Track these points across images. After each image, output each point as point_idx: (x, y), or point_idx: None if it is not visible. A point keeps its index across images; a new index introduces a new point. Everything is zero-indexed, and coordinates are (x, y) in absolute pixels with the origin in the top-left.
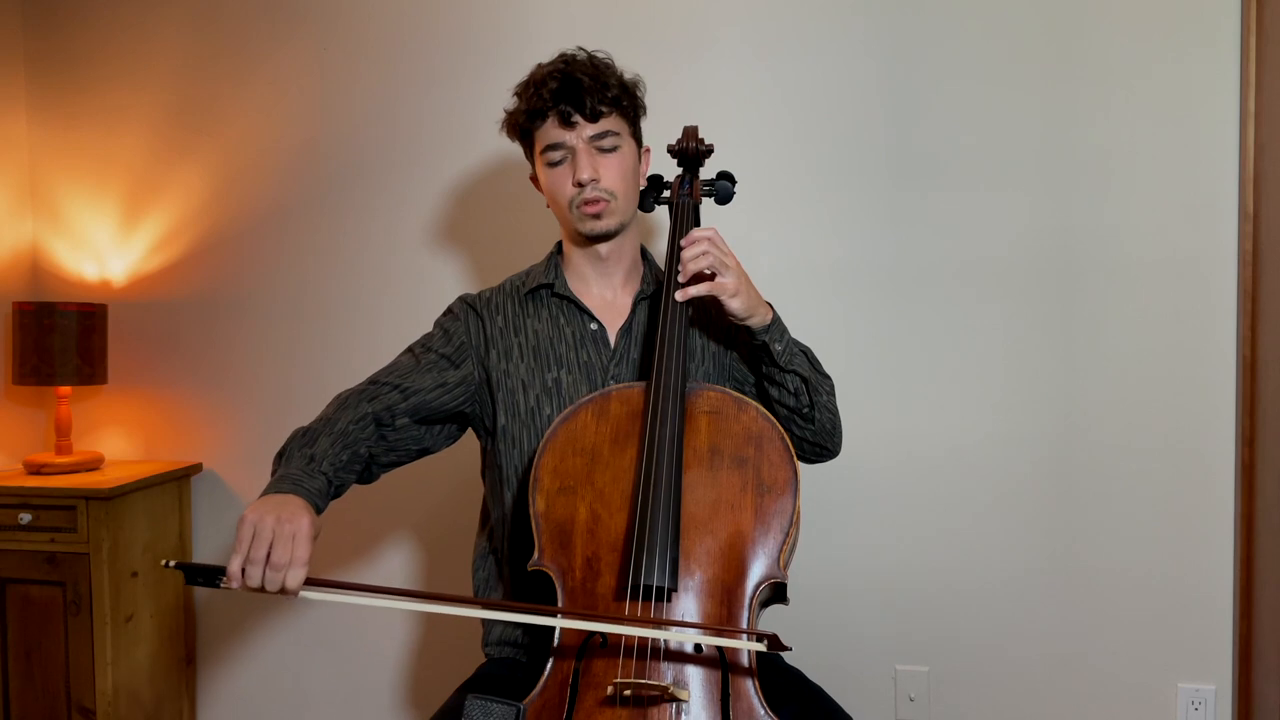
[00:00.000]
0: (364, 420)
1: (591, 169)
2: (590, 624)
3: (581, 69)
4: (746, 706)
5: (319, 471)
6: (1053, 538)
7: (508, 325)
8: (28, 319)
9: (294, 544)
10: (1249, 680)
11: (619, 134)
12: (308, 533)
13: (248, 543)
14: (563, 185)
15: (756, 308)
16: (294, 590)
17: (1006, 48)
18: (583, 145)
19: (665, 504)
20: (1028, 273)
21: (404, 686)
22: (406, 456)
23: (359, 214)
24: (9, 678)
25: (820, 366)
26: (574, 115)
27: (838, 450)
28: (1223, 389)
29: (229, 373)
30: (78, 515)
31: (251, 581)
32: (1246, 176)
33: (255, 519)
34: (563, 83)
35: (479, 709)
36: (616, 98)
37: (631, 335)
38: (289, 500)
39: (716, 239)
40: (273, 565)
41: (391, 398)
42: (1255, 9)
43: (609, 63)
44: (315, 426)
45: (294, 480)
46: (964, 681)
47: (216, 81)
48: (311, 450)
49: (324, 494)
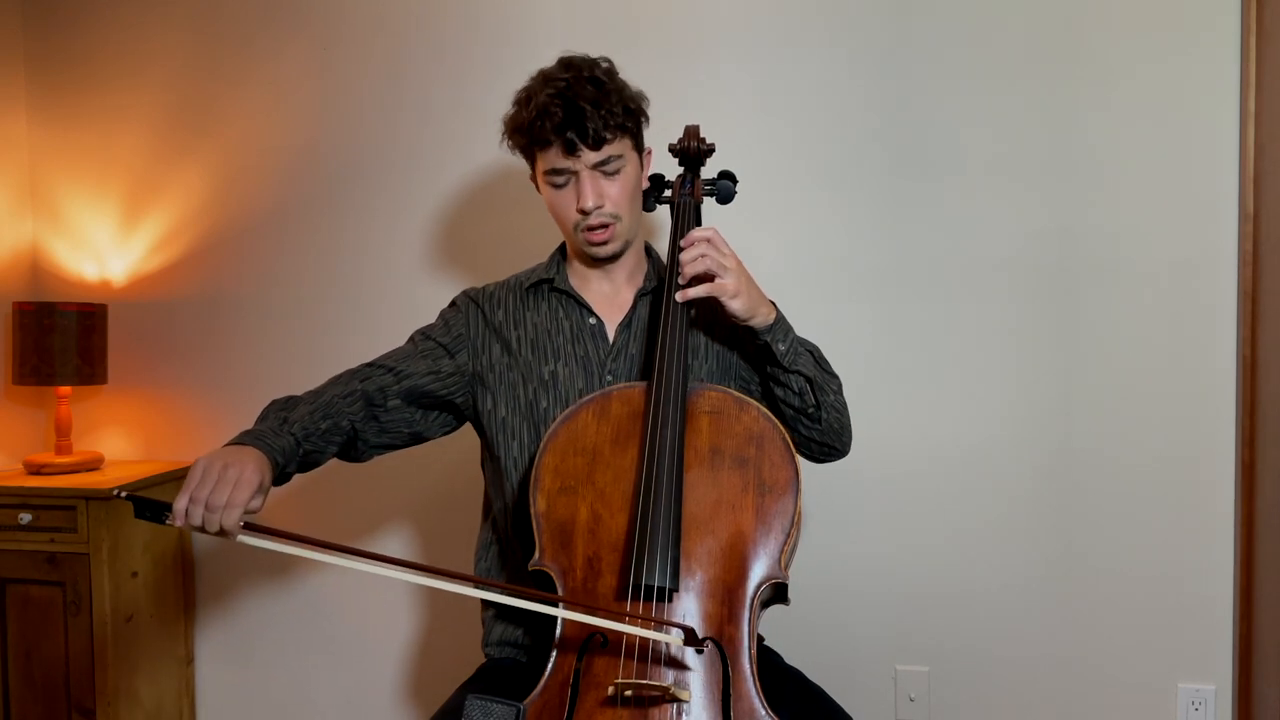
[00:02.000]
0: (353, 395)
1: (596, 196)
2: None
3: (584, 94)
4: (747, 707)
5: (288, 432)
6: (1053, 537)
7: (508, 318)
8: (28, 319)
9: (235, 488)
10: (1249, 680)
11: (622, 155)
12: (250, 479)
13: (194, 483)
14: (566, 208)
15: (758, 308)
16: (231, 531)
17: (1007, 47)
18: (586, 171)
19: (666, 504)
20: (1027, 273)
21: (404, 686)
22: (399, 439)
23: (359, 214)
24: (9, 678)
25: (827, 366)
26: (578, 146)
27: (847, 450)
28: (1223, 389)
29: (229, 373)
30: (78, 515)
31: (193, 520)
32: (1246, 176)
33: (205, 462)
34: (565, 113)
35: (479, 709)
36: (620, 123)
37: (631, 330)
38: (244, 450)
39: (716, 239)
40: (210, 506)
41: (385, 379)
42: (1255, 9)
43: (611, 78)
44: (299, 396)
45: (257, 434)
46: (964, 681)
47: (217, 81)
48: (287, 414)
49: (286, 453)
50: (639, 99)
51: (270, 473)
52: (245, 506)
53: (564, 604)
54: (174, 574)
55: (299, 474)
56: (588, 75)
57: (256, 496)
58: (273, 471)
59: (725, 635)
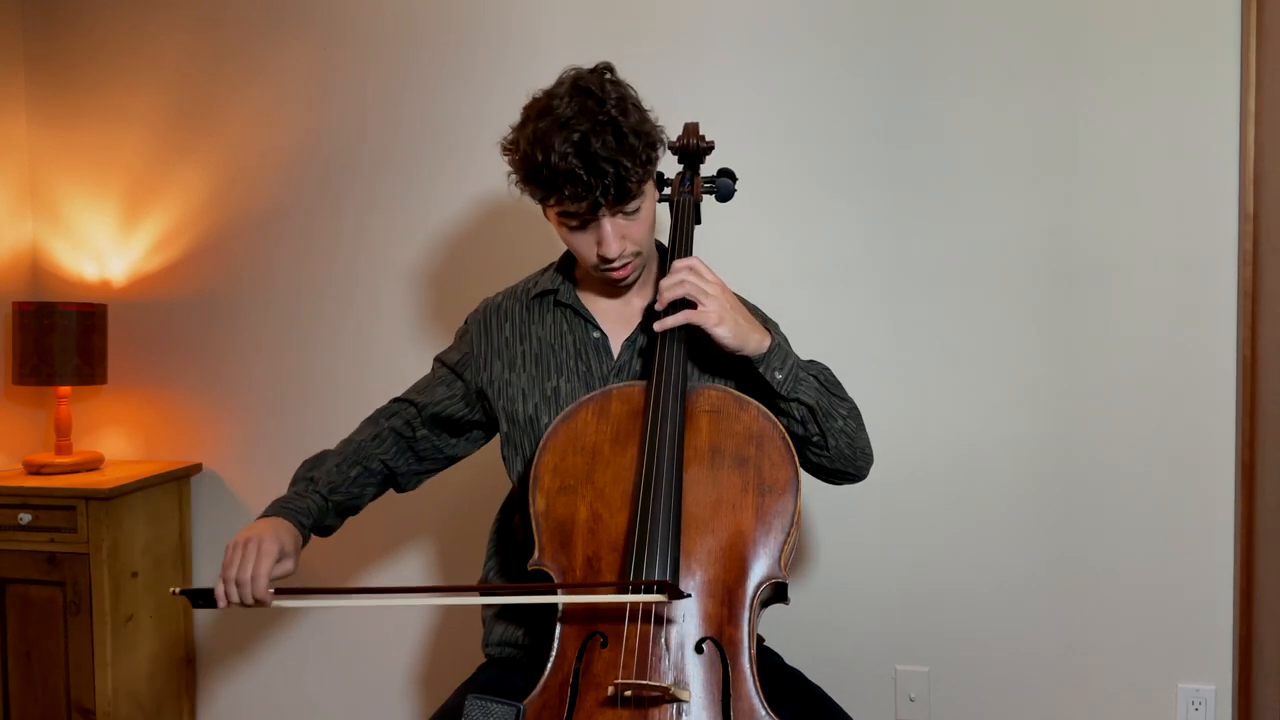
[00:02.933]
0: (380, 436)
1: (620, 243)
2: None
3: (605, 151)
4: (747, 707)
5: (314, 491)
6: (1053, 537)
7: (514, 332)
8: (28, 319)
9: (255, 561)
10: (1249, 680)
11: (642, 196)
12: (269, 550)
13: (224, 564)
14: (585, 248)
15: (748, 336)
16: (264, 601)
17: (1009, 47)
18: (608, 220)
19: (666, 504)
20: (1027, 272)
21: (404, 686)
22: (437, 464)
23: (359, 214)
24: (9, 678)
25: (837, 390)
26: (601, 206)
27: (862, 475)
28: (1223, 389)
29: (229, 373)
30: (78, 515)
31: (231, 598)
32: (1246, 176)
33: (233, 542)
34: (588, 173)
35: (479, 709)
36: (643, 175)
37: (635, 345)
38: (264, 523)
39: (699, 266)
40: (238, 582)
41: (409, 412)
42: (1255, 9)
43: (625, 113)
44: (328, 450)
45: (282, 503)
46: (964, 681)
47: (217, 82)
48: (313, 473)
49: (312, 512)
50: (655, 132)
51: (295, 536)
52: (268, 576)
53: (562, 589)
54: (174, 574)
55: (347, 517)
56: (605, 119)
57: (283, 562)
58: (299, 533)
59: (725, 635)
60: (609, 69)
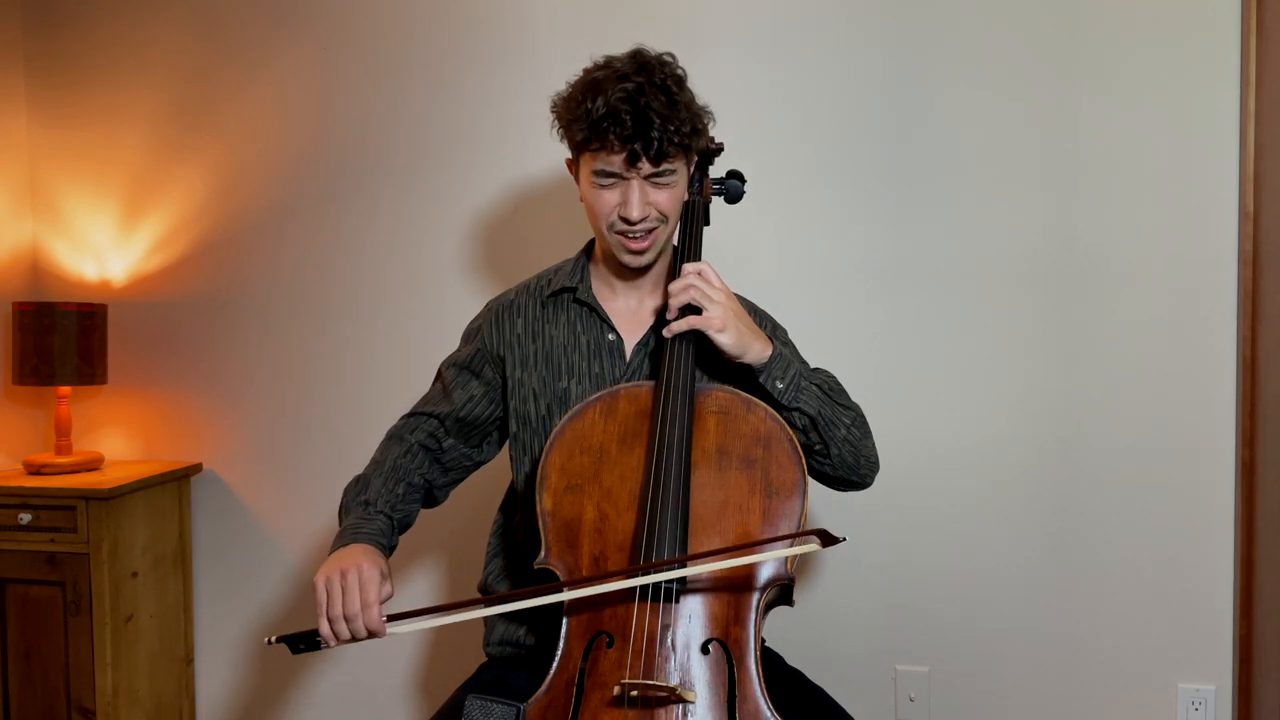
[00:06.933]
0: (411, 452)
1: (643, 209)
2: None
3: (655, 104)
4: (753, 708)
5: (377, 513)
6: (1053, 538)
7: (526, 330)
8: (28, 319)
9: (360, 590)
10: (1249, 680)
11: (676, 170)
12: (371, 575)
13: (324, 603)
14: (607, 209)
15: (750, 344)
16: (379, 631)
17: (1010, 48)
18: (638, 182)
19: (673, 504)
20: (1028, 272)
21: (404, 686)
22: (464, 472)
23: (359, 214)
24: (9, 678)
25: (841, 398)
26: (640, 158)
27: (867, 483)
28: (1223, 389)
29: (229, 373)
30: (78, 515)
31: (341, 636)
32: (1246, 176)
33: (324, 580)
34: (634, 121)
35: (479, 709)
36: (685, 142)
37: (646, 349)
38: (351, 550)
39: (707, 272)
40: (348, 617)
41: (431, 425)
42: (1255, 9)
43: (681, 87)
44: (366, 472)
45: (353, 530)
46: (964, 681)
47: (217, 82)
48: (365, 496)
49: (386, 532)
50: (704, 116)
51: (384, 558)
52: (379, 603)
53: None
54: (174, 574)
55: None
56: (659, 81)
57: (384, 585)
58: (385, 555)
59: (731, 636)
60: (672, 56)
